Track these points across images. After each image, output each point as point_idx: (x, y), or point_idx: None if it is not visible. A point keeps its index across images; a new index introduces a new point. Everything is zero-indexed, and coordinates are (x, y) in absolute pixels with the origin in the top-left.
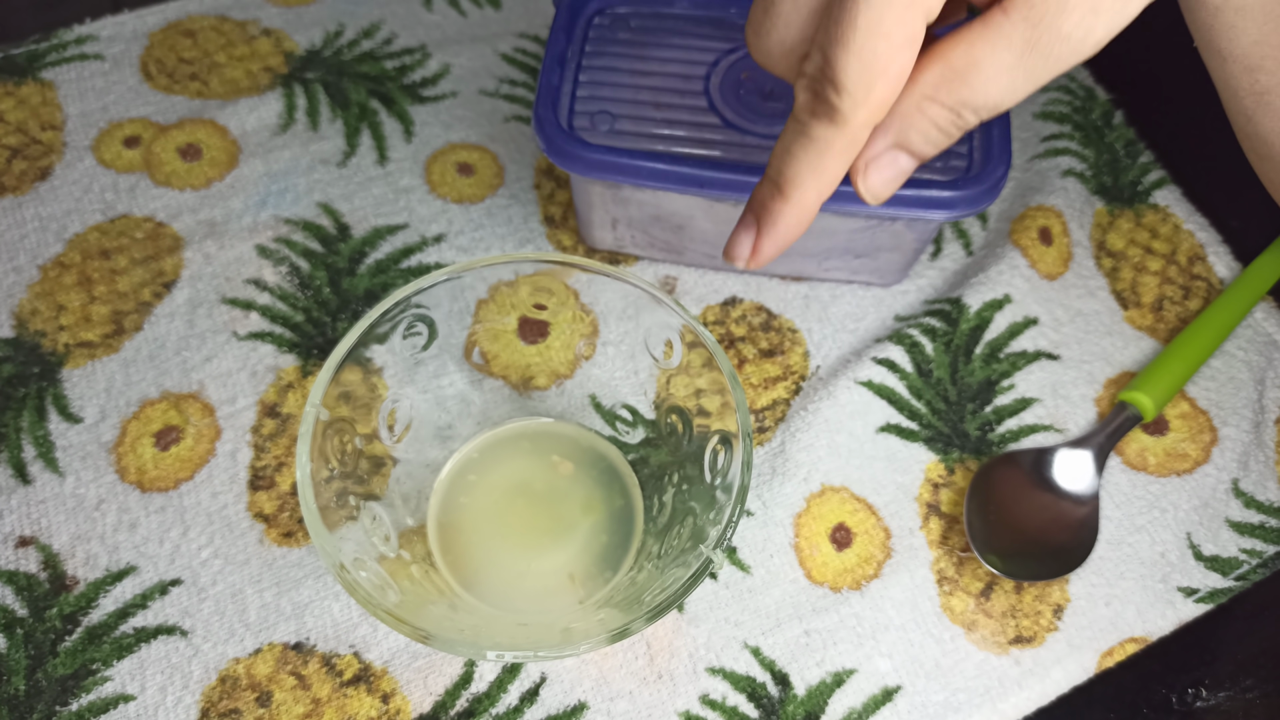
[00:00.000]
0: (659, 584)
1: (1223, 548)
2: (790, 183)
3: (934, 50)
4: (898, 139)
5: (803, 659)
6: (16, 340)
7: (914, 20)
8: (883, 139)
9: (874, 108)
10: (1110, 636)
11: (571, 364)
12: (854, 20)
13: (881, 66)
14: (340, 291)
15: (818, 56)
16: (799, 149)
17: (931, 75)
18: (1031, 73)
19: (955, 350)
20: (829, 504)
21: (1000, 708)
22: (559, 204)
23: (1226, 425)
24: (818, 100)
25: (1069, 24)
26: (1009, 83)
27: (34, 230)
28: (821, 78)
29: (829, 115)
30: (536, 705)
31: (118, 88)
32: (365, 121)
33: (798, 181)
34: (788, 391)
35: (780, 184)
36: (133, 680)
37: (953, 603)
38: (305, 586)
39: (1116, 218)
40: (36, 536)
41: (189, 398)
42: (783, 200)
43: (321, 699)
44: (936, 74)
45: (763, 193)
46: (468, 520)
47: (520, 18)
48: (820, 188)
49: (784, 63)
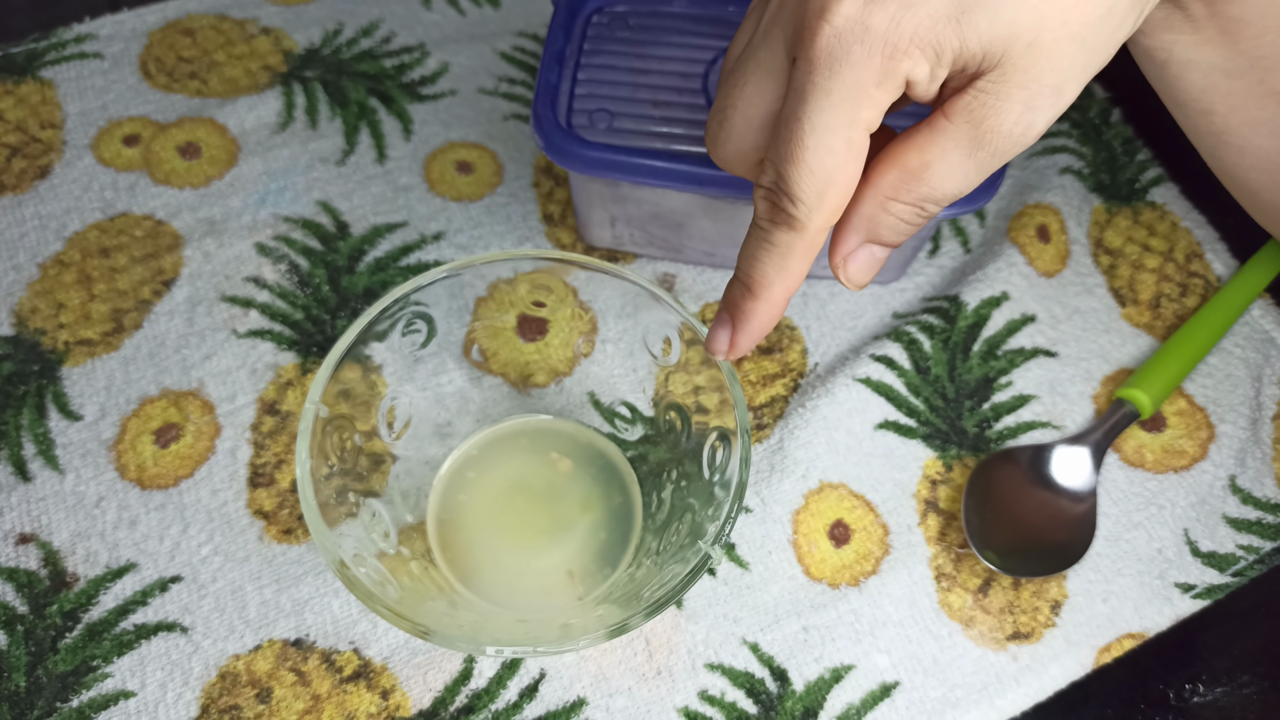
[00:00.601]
0: (658, 580)
1: (1220, 544)
2: (759, 284)
3: (888, 154)
4: (869, 235)
5: (801, 655)
6: (16, 338)
7: (857, 135)
8: (855, 237)
9: (828, 212)
10: (1108, 632)
11: (570, 361)
12: (802, 140)
13: (831, 177)
14: (339, 289)
15: (772, 171)
16: (764, 254)
17: (890, 177)
18: (981, 166)
19: (953, 347)
20: (827, 501)
21: (998, 704)
22: (558, 202)
23: (1224, 422)
24: (776, 210)
25: (1008, 122)
26: (961, 176)
27: (34, 228)
28: (778, 191)
29: (788, 223)
30: (535, 701)
31: (117, 86)
32: (364, 120)
33: (765, 283)
34: (786, 389)
35: (750, 285)
36: (133, 677)
37: (951, 599)
38: (305, 583)
39: (1114, 215)
40: (37, 534)
41: (189, 395)
42: (753, 300)
43: (321, 695)
44: (894, 176)
45: (735, 293)
46: (467, 517)
47: (519, 16)
48: (787, 285)
49: (741, 166)
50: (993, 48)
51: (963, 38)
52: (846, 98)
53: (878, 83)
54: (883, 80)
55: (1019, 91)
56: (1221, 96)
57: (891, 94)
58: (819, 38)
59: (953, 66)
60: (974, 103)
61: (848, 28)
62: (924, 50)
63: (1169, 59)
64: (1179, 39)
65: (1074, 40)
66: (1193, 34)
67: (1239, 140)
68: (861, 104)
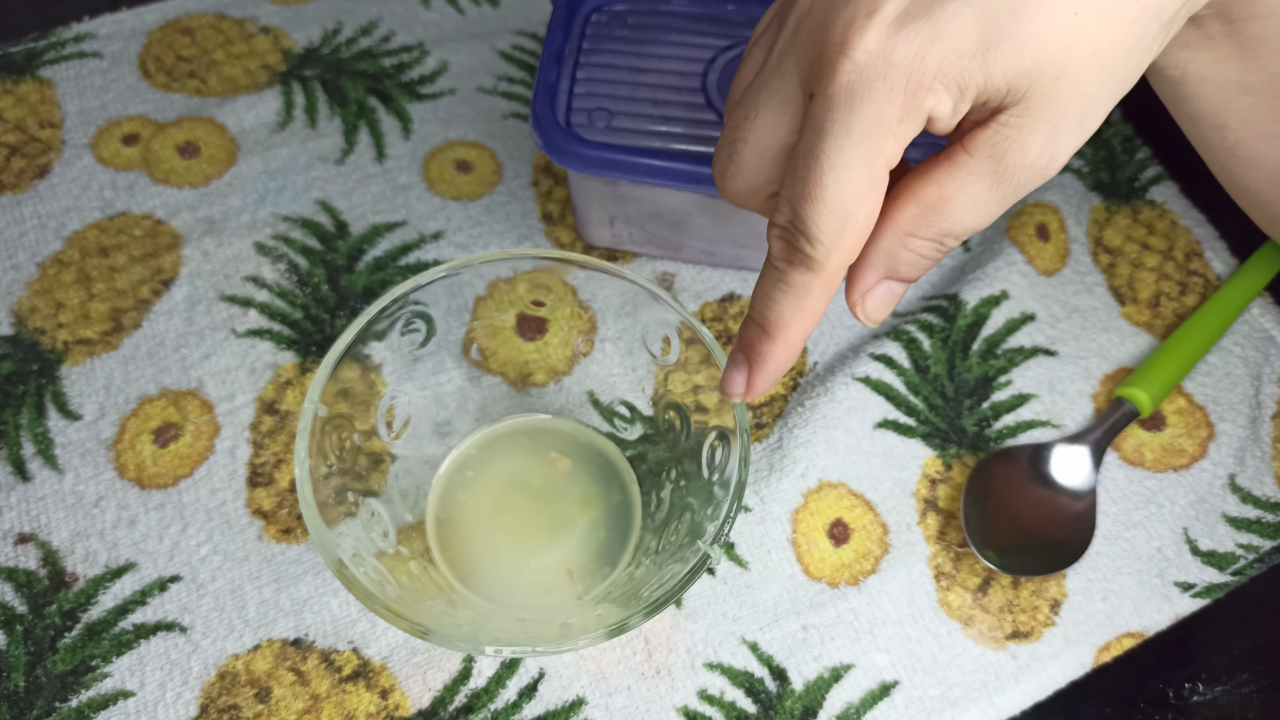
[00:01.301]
0: (657, 579)
1: (1219, 543)
2: (775, 325)
3: (906, 188)
4: (888, 271)
5: (800, 654)
6: (16, 338)
7: (878, 171)
8: (873, 273)
9: (847, 250)
10: (1107, 631)
11: (569, 360)
12: (821, 178)
13: (850, 215)
14: (338, 288)
15: (787, 210)
16: (780, 294)
17: (909, 213)
18: (1004, 199)
19: (952, 346)
20: (826, 500)
21: (997, 702)
22: (557, 201)
23: (1223, 421)
24: (792, 250)
25: (1031, 154)
26: (983, 210)
27: (33, 228)
28: (794, 230)
29: (805, 263)
30: (535, 701)
31: (116, 85)
32: (363, 119)
33: (782, 324)
34: (785, 387)
35: (766, 327)
36: (132, 676)
37: (950, 598)
38: (304, 582)
39: (1114, 214)
40: (36, 533)
41: (188, 395)
42: (770, 341)
43: (320, 695)
44: (913, 211)
45: (750, 334)
46: (466, 516)
47: (518, 15)
48: (805, 326)
49: (752, 201)
50: (1018, 82)
51: (988, 73)
52: (868, 134)
53: (900, 119)
54: (905, 116)
55: (1043, 124)
56: (1236, 112)
57: (914, 129)
58: (839, 73)
59: (975, 100)
60: (996, 136)
61: (870, 63)
62: (948, 86)
63: (1183, 76)
64: (1194, 56)
65: (1103, 69)
66: (1209, 51)
67: (1253, 154)
68: (883, 140)
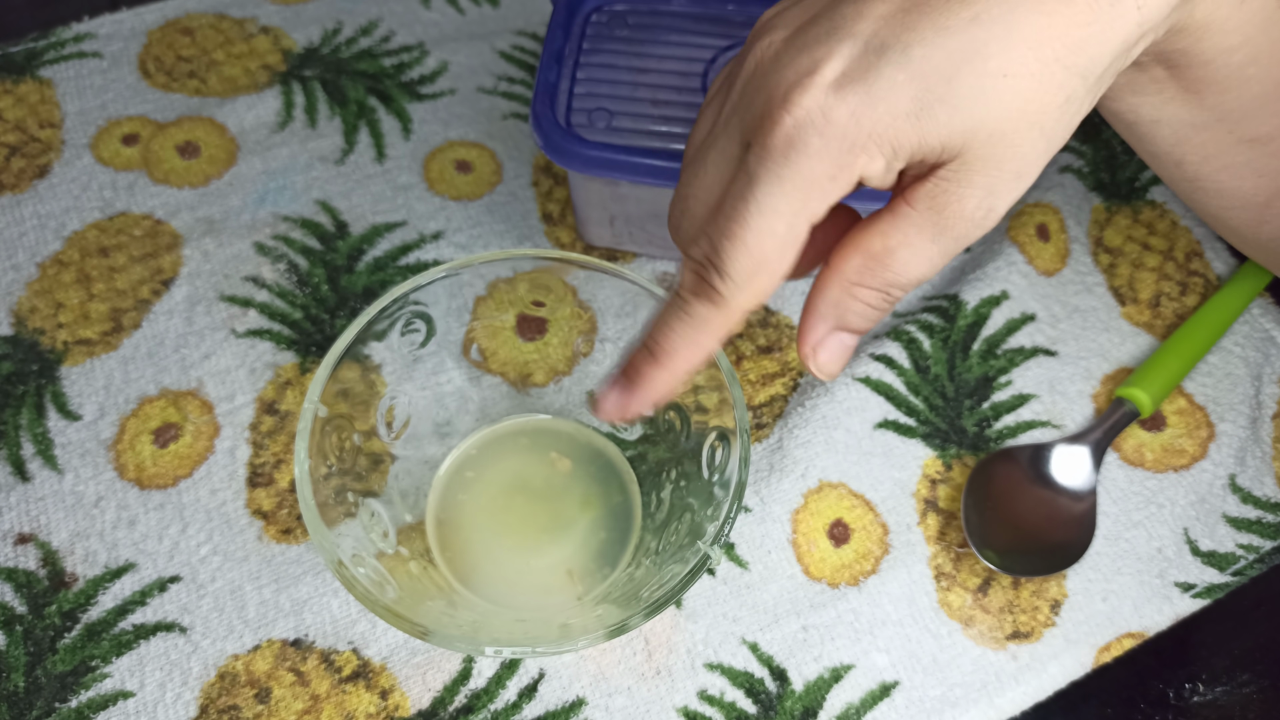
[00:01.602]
0: (657, 580)
1: (1219, 543)
2: (665, 353)
3: (851, 240)
4: (837, 323)
5: (800, 654)
6: (15, 338)
7: (800, 225)
8: (823, 325)
9: (752, 295)
10: (1107, 632)
11: (570, 361)
12: (745, 219)
13: (765, 261)
14: (338, 289)
15: (706, 244)
16: (678, 323)
17: (854, 263)
18: (945, 250)
19: (953, 346)
20: (827, 500)
21: (997, 703)
22: (557, 201)
23: (1224, 421)
24: (702, 283)
25: (969, 206)
26: (926, 260)
27: (33, 228)
28: (708, 264)
29: (710, 297)
30: (535, 701)
31: (116, 85)
32: (363, 119)
33: (673, 352)
34: (785, 388)
35: (655, 352)
36: (132, 677)
37: (950, 598)
38: (304, 583)
39: (1114, 214)
40: (36, 534)
41: (188, 395)
42: (656, 367)
43: (320, 695)
44: (859, 262)
45: (638, 357)
46: (466, 517)
47: (518, 15)
48: (693, 358)
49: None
50: (951, 141)
51: (921, 134)
52: (799, 186)
53: (831, 176)
54: (837, 175)
55: (980, 179)
56: (1193, 148)
57: (844, 188)
58: (779, 126)
59: (910, 159)
60: (935, 189)
61: (808, 119)
62: (881, 146)
63: (1137, 119)
64: (1144, 101)
65: (1033, 129)
66: (1156, 94)
67: (1214, 185)
68: (811, 195)
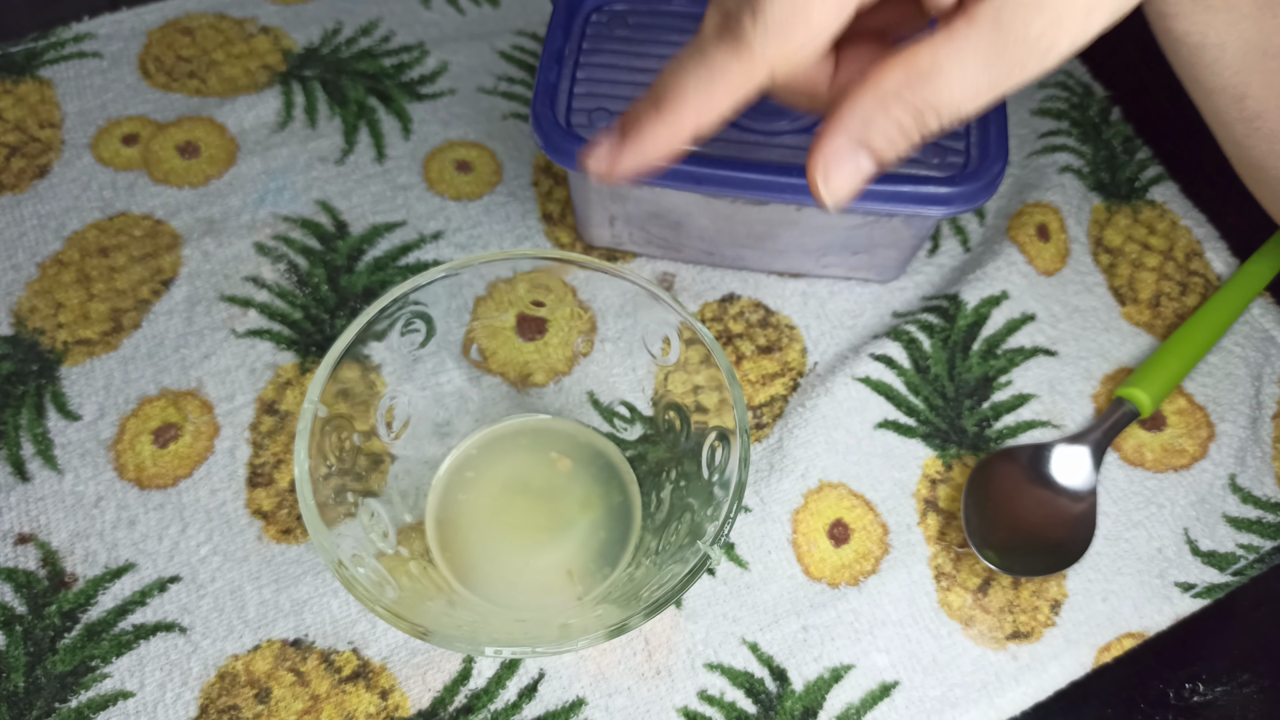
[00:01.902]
0: (657, 580)
1: (1220, 543)
2: (671, 100)
3: (896, 56)
4: (861, 136)
5: (800, 654)
6: (15, 338)
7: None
8: (843, 135)
9: (782, 50)
10: (1107, 632)
11: (569, 361)
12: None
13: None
14: (338, 289)
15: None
16: (691, 67)
17: (896, 75)
18: (996, 79)
19: (953, 346)
20: (827, 500)
21: (997, 703)
22: (557, 201)
23: (1224, 421)
24: (727, 24)
25: (1035, 31)
26: (973, 87)
27: (32, 228)
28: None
29: (734, 39)
30: (535, 701)
31: (116, 85)
32: (363, 119)
33: (679, 99)
34: (785, 388)
35: (660, 100)
36: (132, 677)
37: (950, 598)
38: (304, 583)
39: (1114, 214)
40: (35, 534)
41: (187, 395)
42: (657, 116)
43: (320, 695)
44: (901, 75)
45: (639, 106)
46: (466, 517)
47: (518, 15)
48: (699, 113)
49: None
50: None
51: None
52: None
53: None
54: None
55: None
56: (1258, 77)
57: None
58: None
59: None
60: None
61: None
62: None
63: (1203, 41)
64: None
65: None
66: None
67: (1273, 126)
68: None
